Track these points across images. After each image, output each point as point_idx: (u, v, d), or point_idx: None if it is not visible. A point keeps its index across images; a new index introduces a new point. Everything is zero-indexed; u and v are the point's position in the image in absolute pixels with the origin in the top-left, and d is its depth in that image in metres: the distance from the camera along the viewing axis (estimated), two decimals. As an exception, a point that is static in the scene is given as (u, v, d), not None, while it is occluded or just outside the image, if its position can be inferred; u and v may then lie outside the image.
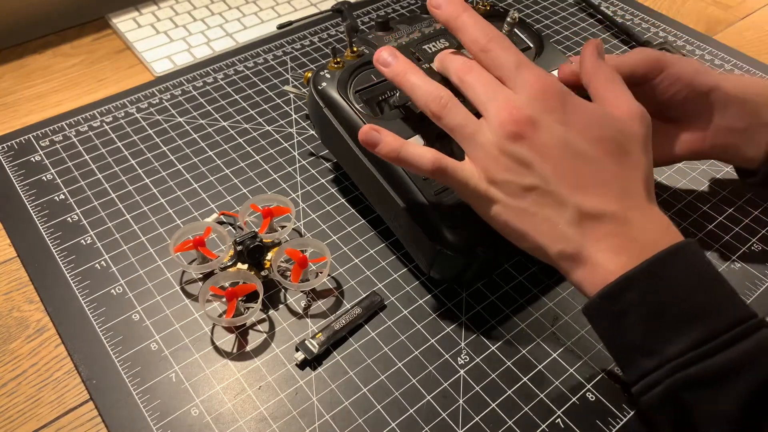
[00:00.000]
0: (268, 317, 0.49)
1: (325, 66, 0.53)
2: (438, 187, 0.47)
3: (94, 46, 0.77)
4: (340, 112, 0.50)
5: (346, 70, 0.52)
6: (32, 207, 0.57)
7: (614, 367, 0.47)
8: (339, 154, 0.54)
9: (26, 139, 0.64)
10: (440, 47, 0.52)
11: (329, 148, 0.57)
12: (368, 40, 0.55)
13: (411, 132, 0.49)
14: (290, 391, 0.45)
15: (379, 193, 0.50)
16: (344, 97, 0.50)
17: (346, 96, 0.50)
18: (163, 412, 0.44)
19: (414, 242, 0.49)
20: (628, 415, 0.44)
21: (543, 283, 0.52)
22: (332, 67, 0.52)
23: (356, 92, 0.51)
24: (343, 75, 0.52)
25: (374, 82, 0.52)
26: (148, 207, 0.57)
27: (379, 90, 0.52)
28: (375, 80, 0.52)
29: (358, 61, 0.53)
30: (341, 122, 0.50)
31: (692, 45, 0.77)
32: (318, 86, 0.51)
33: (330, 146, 0.56)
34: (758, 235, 0.56)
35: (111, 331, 0.48)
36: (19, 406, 0.45)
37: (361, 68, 0.53)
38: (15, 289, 0.52)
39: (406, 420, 0.44)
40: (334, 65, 0.52)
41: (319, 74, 0.52)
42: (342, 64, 0.52)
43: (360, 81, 0.52)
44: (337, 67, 0.52)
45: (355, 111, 0.49)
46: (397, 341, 0.48)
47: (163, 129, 0.65)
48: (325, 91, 0.51)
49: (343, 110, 0.50)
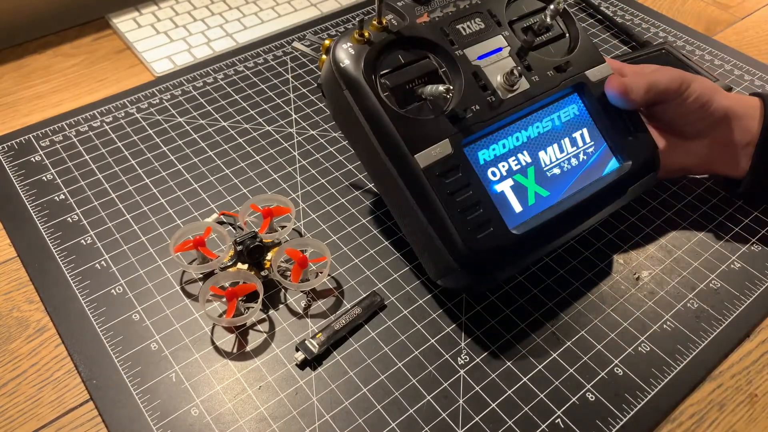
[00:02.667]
0: (268, 317, 0.49)
1: (347, 36, 0.46)
2: (465, 204, 0.44)
3: (94, 46, 0.77)
4: (364, 100, 0.44)
5: (374, 48, 0.45)
6: (32, 207, 0.57)
7: (614, 367, 0.47)
8: (352, 138, 0.49)
9: (26, 139, 0.64)
10: (476, 28, 0.49)
11: (341, 127, 0.51)
12: (397, 8, 0.48)
13: (442, 130, 0.45)
14: (290, 391, 0.45)
15: (395, 192, 0.46)
16: (370, 84, 0.44)
17: (372, 82, 0.44)
18: (163, 412, 0.44)
19: (426, 249, 0.47)
20: (628, 416, 0.44)
21: (543, 283, 0.52)
22: (355, 40, 0.45)
23: (381, 76, 0.45)
24: (370, 54, 0.45)
25: (402, 64, 0.46)
26: (148, 207, 0.57)
27: (407, 76, 0.46)
28: (402, 61, 0.46)
29: (386, 37, 0.46)
30: (363, 111, 0.45)
31: (692, 45, 0.77)
32: (340, 63, 0.45)
33: (343, 127, 0.50)
34: (758, 235, 0.56)
35: (111, 331, 0.48)
36: (19, 406, 0.45)
37: (389, 47, 0.46)
38: (15, 289, 0.52)
39: (406, 420, 0.44)
40: (358, 38, 0.45)
41: (341, 47, 0.45)
42: (367, 38, 0.45)
43: (387, 62, 0.46)
44: (360, 41, 0.45)
45: (381, 102, 0.44)
46: (397, 341, 0.48)
47: (163, 129, 0.65)
48: (348, 71, 0.45)
49: (367, 98, 0.44)
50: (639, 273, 0.53)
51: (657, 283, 0.52)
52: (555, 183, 0.48)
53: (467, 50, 0.48)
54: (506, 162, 0.47)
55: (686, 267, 0.53)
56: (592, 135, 0.51)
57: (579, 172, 0.49)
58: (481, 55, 0.48)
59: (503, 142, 0.47)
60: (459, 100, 0.46)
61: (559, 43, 0.51)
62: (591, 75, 0.50)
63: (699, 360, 0.47)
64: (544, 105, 0.49)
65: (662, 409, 0.45)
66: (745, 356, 0.48)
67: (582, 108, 0.51)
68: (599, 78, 0.51)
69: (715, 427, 0.45)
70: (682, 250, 0.54)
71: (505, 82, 0.47)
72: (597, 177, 0.49)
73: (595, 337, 0.48)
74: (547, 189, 0.48)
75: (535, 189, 0.48)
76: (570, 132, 0.50)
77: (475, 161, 0.46)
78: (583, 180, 0.49)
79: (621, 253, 0.54)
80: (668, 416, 0.45)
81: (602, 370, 0.46)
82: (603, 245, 0.55)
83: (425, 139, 0.44)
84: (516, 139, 0.48)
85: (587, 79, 0.50)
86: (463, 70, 0.47)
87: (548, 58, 0.50)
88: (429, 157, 0.44)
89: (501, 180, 0.47)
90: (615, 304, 0.51)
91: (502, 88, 0.47)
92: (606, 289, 0.52)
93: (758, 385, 0.47)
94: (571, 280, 0.52)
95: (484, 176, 0.46)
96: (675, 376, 0.46)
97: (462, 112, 0.46)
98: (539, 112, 0.49)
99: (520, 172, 0.47)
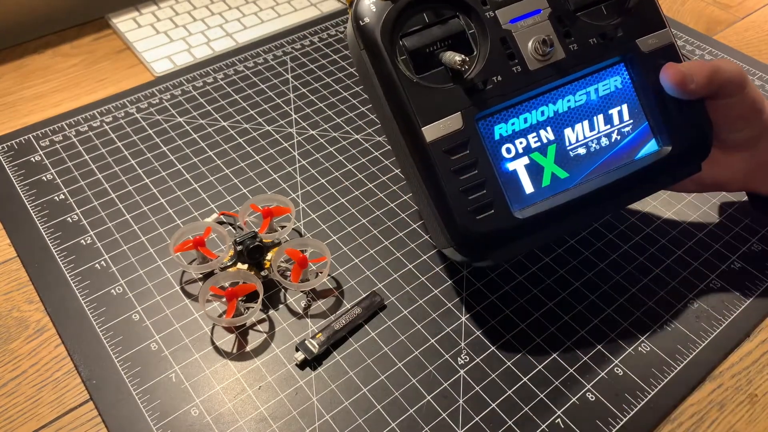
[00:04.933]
0: (268, 317, 0.49)
1: None
2: (465, 185, 0.42)
3: (94, 46, 0.77)
4: (380, 63, 0.42)
5: (396, 7, 0.42)
6: (32, 207, 0.57)
7: (614, 367, 0.47)
8: (371, 96, 0.46)
9: (26, 139, 0.63)
10: None
11: (363, 85, 0.48)
12: None
13: (456, 103, 0.42)
14: (290, 391, 0.45)
15: (405, 159, 0.44)
16: (387, 47, 0.41)
17: (390, 44, 0.42)
18: (163, 412, 0.44)
19: (429, 220, 0.46)
20: (628, 416, 0.44)
21: (543, 282, 0.52)
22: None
23: (402, 37, 0.42)
24: (391, 14, 0.42)
25: (426, 24, 0.43)
26: (148, 207, 0.57)
27: (429, 38, 0.42)
28: (427, 21, 0.43)
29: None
30: (378, 74, 0.42)
31: (692, 45, 0.77)
32: (360, 20, 0.42)
33: (364, 86, 0.47)
34: (758, 235, 0.56)
35: (111, 331, 0.48)
36: (19, 406, 0.45)
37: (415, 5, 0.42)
38: (15, 289, 0.52)
39: (406, 420, 0.44)
40: None
41: (364, 3, 0.42)
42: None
43: (411, 21, 0.42)
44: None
45: (395, 67, 0.41)
46: (397, 341, 0.48)
47: (163, 129, 0.65)
48: (367, 30, 0.42)
49: (383, 62, 0.42)
50: (639, 273, 0.53)
51: (657, 283, 0.52)
52: (577, 164, 0.45)
53: (500, 11, 0.43)
54: (525, 138, 0.44)
55: (686, 267, 0.53)
56: (633, 113, 0.46)
57: (608, 153, 0.45)
58: (515, 18, 0.43)
59: (525, 116, 0.44)
60: (481, 68, 0.42)
61: (615, 1, 0.45)
62: (643, 44, 0.45)
63: (699, 360, 0.47)
64: (578, 77, 0.45)
65: (662, 409, 0.45)
66: (745, 356, 0.48)
67: (627, 80, 0.46)
68: (653, 48, 0.45)
69: (716, 427, 0.45)
70: (683, 249, 0.54)
71: (536, 51, 0.43)
72: (628, 161, 0.45)
73: (595, 337, 0.48)
74: (567, 170, 0.45)
75: (553, 169, 0.44)
76: (606, 108, 0.45)
77: (489, 136, 0.43)
78: (612, 163, 0.45)
79: (621, 253, 0.54)
80: (668, 416, 0.45)
81: (602, 370, 0.46)
82: (603, 245, 0.55)
83: (437, 111, 0.42)
84: (541, 113, 0.44)
85: (638, 48, 0.45)
86: (490, 34, 0.43)
87: (596, 22, 0.45)
88: (438, 130, 0.42)
89: (515, 158, 0.44)
90: (615, 304, 0.51)
91: (532, 58, 0.43)
92: (606, 289, 0.52)
93: (758, 385, 0.47)
94: (572, 280, 0.52)
95: (497, 153, 0.43)
96: (675, 376, 0.46)
97: (481, 84, 0.42)
98: (574, 84, 0.45)
99: (539, 150, 0.44)
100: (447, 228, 0.43)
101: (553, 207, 0.43)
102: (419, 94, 0.42)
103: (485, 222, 0.42)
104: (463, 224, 0.42)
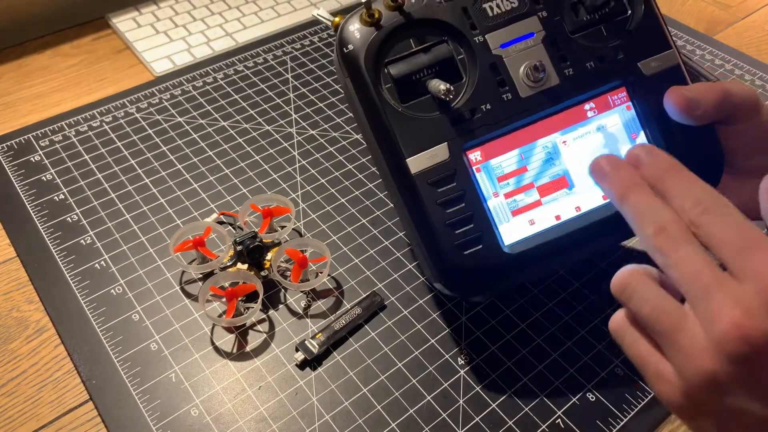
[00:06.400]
0: (268, 317, 0.49)
1: (357, 15, 0.41)
2: (452, 218, 0.40)
3: (93, 46, 0.77)
4: (364, 92, 0.41)
5: (380, 35, 0.40)
6: (32, 207, 0.57)
7: (614, 367, 0.47)
8: (358, 122, 0.45)
9: (26, 139, 0.63)
10: (507, 7, 0.42)
11: (350, 109, 0.47)
12: None
13: (442, 133, 0.41)
14: (290, 392, 0.45)
15: (391, 189, 0.43)
16: (371, 75, 0.40)
17: (374, 72, 0.40)
18: (163, 412, 0.44)
19: (417, 251, 0.45)
20: (628, 416, 0.44)
21: (543, 283, 0.52)
22: (364, 20, 0.41)
23: (388, 64, 0.41)
24: (375, 41, 0.40)
25: (413, 51, 0.41)
26: (147, 207, 0.57)
27: (415, 65, 0.41)
28: (413, 47, 0.41)
29: (396, 20, 0.41)
30: (362, 102, 0.41)
31: (692, 45, 0.77)
32: (345, 47, 0.41)
33: (351, 110, 0.45)
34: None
35: (111, 331, 0.48)
36: (19, 406, 0.45)
37: (400, 31, 0.41)
38: (15, 289, 0.52)
39: (406, 420, 0.44)
40: (366, 19, 0.41)
41: (348, 29, 0.41)
42: (377, 18, 0.41)
43: (397, 48, 0.41)
44: (370, 22, 0.41)
45: (379, 96, 0.40)
46: (397, 341, 0.48)
47: (163, 129, 0.65)
48: (351, 58, 0.41)
49: (367, 90, 0.41)
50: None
51: (657, 283, 0.52)
52: None
53: (490, 36, 0.41)
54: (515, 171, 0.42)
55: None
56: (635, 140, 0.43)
57: None
58: (505, 43, 0.41)
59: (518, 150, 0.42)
60: (469, 96, 0.41)
61: (616, 22, 0.43)
62: (645, 67, 0.42)
63: (699, 360, 0.47)
64: (574, 104, 0.42)
65: (663, 409, 0.45)
66: (745, 356, 0.48)
67: (627, 113, 0.43)
68: (657, 71, 0.42)
69: (716, 428, 0.44)
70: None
71: (528, 77, 0.41)
72: None
73: (596, 338, 0.48)
74: None
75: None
76: (607, 138, 0.42)
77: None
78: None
79: (621, 253, 0.54)
80: (669, 416, 0.45)
81: (602, 370, 0.46)
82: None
83: (423, 141, 0.40)
84: (534, 146, 0.42)
85: (639, 71, 0.42)
86: (479, 60, 0.41)
87: (594, 45, 0.42)
88: (423, 161, 0.40)
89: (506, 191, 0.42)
90: (616, 304, 0.50)
91: (524, 84, 0.41)
92: (606, 290, 0.51)
93: (758, 385, 0.47)
94: (572, 281, 0.52)
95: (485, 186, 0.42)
96: (675, 376, 0.46)
97: (469, 113, 0.41)
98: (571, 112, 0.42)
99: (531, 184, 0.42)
100: (434, 261, 0.41)
101: (545, 242, 0.41)
102: (404, 124, 0.40)
103: (472, 257, 0.40)
104: (449, 259, 0.41)
